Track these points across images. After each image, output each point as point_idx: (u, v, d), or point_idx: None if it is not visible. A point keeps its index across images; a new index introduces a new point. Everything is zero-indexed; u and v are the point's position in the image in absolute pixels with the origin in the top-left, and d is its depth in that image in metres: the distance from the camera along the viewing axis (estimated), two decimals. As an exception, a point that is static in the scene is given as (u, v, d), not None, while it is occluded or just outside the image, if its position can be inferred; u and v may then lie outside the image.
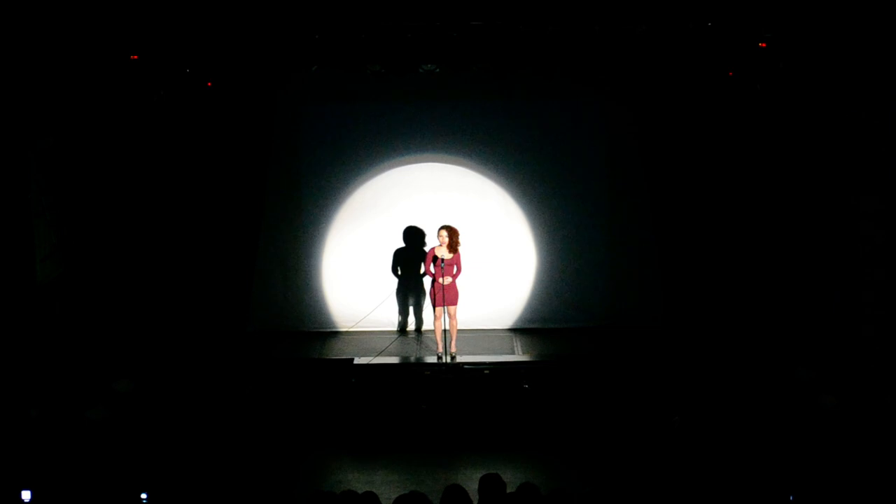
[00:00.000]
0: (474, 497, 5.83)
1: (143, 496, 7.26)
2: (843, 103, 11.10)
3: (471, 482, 6.45)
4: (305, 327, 12.56)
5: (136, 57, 10.95)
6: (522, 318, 12.63)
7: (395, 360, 11.34)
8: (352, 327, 12.36)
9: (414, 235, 12.30)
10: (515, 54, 11.20)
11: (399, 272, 12.29)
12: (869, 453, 8.66)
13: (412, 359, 11.45)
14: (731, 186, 11.99)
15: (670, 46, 11.07)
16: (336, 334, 12.47)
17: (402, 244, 12.31)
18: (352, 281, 12.56)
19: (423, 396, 10.35)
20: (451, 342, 11.11)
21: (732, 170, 11.96)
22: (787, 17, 10.76)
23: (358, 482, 8.84)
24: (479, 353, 11.35)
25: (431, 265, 11.09)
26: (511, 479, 6.72)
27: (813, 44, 10.90)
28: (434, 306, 11.15)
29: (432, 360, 11.15)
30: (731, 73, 11.38)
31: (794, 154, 11.59)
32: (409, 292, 12.40)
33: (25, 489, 6.85)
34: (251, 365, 11.23)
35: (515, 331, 12.51)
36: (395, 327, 12.47)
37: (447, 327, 11.03)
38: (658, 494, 8.17)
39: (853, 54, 10.79)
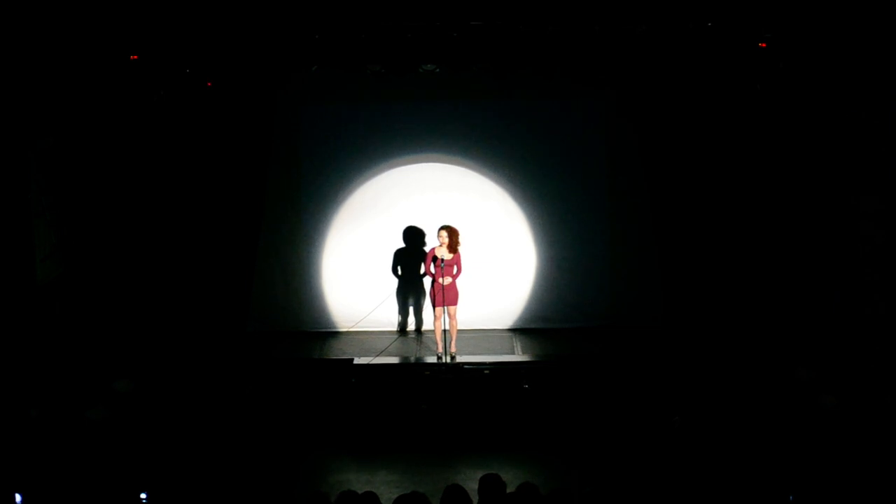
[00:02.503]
0: (474, 497, 5.82)
1: (143, 496, 7.24)
2: (843, 103, 11.06)
3: (471, 482, 6.43)
4: (305, 327, 12.51)
5: (136, 57, 10.90)
6: (522, 318, 12.59)
7: (395, 360, 11.30)
8: (352, 327, 12.32)
9: (414, 235, 12.25)
10: (515, 54, 11.14)
11: (399, 272, 12.24)
12: (869, 453, 8.61)
13: (412, 359, 11.41)
14: (731, 186, 11.96)
15: (670, 46, 11.03)
16: (336, 334, 12.42)
17: (402, 244, 12.26)
18: (352, 281, 12.52)
19: (423, 396, 10.31)
20: (451, 342, 11.08)
21: (732, 170, 11.93)
22: (787, 18, 10.71)
23: (358, 482, 8.80)
24: (479, 354, 11.32)
25: (431, 265, 11.06)
26: (511, 478, 6.69)
27: (813, 44, 10.86)
28: (434, 306, 11.12)
29: (432, 360, 11.11)
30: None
31: (794, 154, 11.55)
32: (409, 292, 12.36)
33: (18, 493, 6.81)
34: (251, 365, 11.18)
35: (515, 331, 12.48)
36: (395, 327, 12.44)
37: (447, 327, 11.00)
38: (658, 494, 8.15)
39: (853, 54, 10.75)
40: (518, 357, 11.45)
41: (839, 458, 8.62)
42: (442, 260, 10.94)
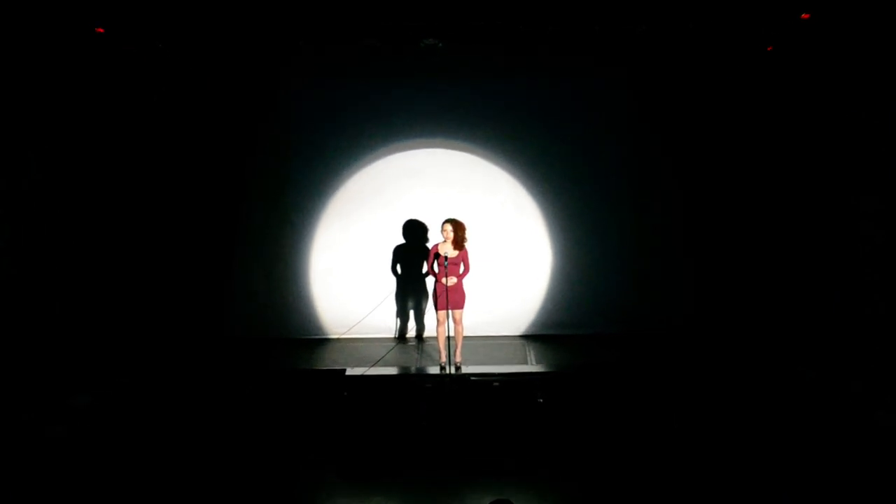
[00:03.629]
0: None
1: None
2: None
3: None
4: (292, 334, 12.26)
5: (102, 30, 10.92)
6: (536, 324, 12.37)
7: (392, 370, 11.03)
8: (344, 334, 12.17)
9: (415, 230, 11.99)
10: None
11: (399, 271, 12.00)
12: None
13: (412, 369, 11.12)
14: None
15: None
16: (326, 342, 12.23)
17: (401, 240, 12.02)
18: (344, 282, 12.26)
19: (424, 412, 10.04)
20: (455, 350, 10.75)
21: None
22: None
23: (350, 509, 8.48)
24: (488, 363, 11.08)
25: (434, 264, 10.71)
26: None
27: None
28: (437, 310, 10.81)
29: (435, 370, 10.90)
30: (770, 48, 11.46)
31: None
32: (409, 294, 12.12)
33: None
34: (233, 376, 10.86)
35: (528, 338, 12.31)
36: (392, 334, 12.29)
37: (451, 334, 10.73)
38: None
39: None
40: (531, 367, 11.17)
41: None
42: (446, 257, 10.60)
